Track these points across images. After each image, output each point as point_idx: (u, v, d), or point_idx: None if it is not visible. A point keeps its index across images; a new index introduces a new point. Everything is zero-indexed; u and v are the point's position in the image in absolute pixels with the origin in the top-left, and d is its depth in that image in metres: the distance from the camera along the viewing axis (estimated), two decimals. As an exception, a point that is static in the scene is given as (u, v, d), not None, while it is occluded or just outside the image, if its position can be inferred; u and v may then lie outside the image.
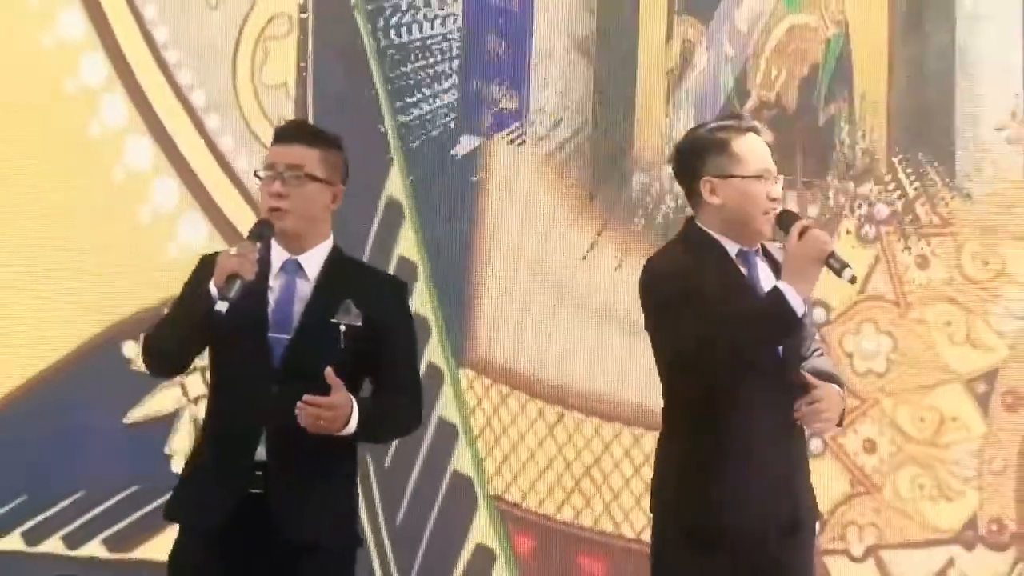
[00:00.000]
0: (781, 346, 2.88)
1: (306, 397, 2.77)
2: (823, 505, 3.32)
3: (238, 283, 2.76)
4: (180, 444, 4.68)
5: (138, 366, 3.61)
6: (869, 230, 4.86)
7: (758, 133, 2.99)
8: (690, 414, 2.88)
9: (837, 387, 2.95)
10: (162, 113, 4.86)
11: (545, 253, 4.90)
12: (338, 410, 2.80)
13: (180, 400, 4.74)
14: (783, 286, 2.79)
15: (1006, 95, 4.82)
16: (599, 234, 4.93)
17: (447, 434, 4.79)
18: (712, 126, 3.01)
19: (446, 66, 4.92)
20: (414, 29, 4.91)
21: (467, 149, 4.91)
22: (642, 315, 2.94)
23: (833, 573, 4.74)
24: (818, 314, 4.55)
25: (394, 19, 4.90)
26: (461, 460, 4.78)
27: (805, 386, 2.90)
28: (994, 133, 4.79)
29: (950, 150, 4.82)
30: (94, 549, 4.71)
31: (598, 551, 4.78)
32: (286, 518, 2.86)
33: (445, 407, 4.80)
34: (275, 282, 2.95)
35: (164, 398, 4.73)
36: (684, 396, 2.90)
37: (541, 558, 4.81)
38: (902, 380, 4.80)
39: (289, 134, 3.01)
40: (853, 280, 2.85)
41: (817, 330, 3.08)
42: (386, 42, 4.90)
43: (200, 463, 2.98)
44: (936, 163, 4.85)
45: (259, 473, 2.87)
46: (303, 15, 4.89)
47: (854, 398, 4.55)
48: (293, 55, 4.90)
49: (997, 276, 4.80)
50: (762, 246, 2.98)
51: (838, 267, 2.80)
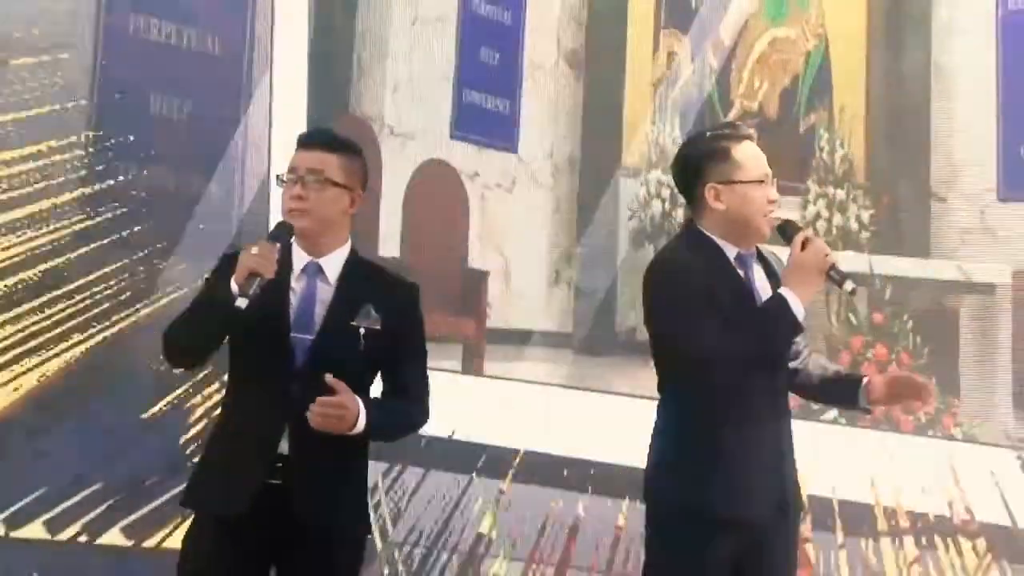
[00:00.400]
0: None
1: (318, 400, 2.85)
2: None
3: (258, 281, 2.85)
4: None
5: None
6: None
7: (754, 140, 3.11)
8: (686, 403, 2.96)
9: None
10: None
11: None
12: (346, 411, 2.90)
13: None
14: (786, 293, 2.86)
15: (979, 105, 4.82)
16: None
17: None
18: (711, 135, 3.05)
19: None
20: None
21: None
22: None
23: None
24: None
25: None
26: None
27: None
28: (967, 142, 4.79)
29: (925, 157, 4.84)
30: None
31: None
32: (307, 507, 2.94)
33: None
34: (297, 284, 3.00)
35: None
36: (681, 387, 2.98)
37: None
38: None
39: (311, 141, 3.10)
40: (853, 292, 2.92)
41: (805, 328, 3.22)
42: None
43: (220, 454, 3.03)
44: (911, 169, 4.90)
45: (279, 465, 3.03)
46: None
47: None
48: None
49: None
50: (757, 250, 3.06)
51: (839, 279, 2.87)
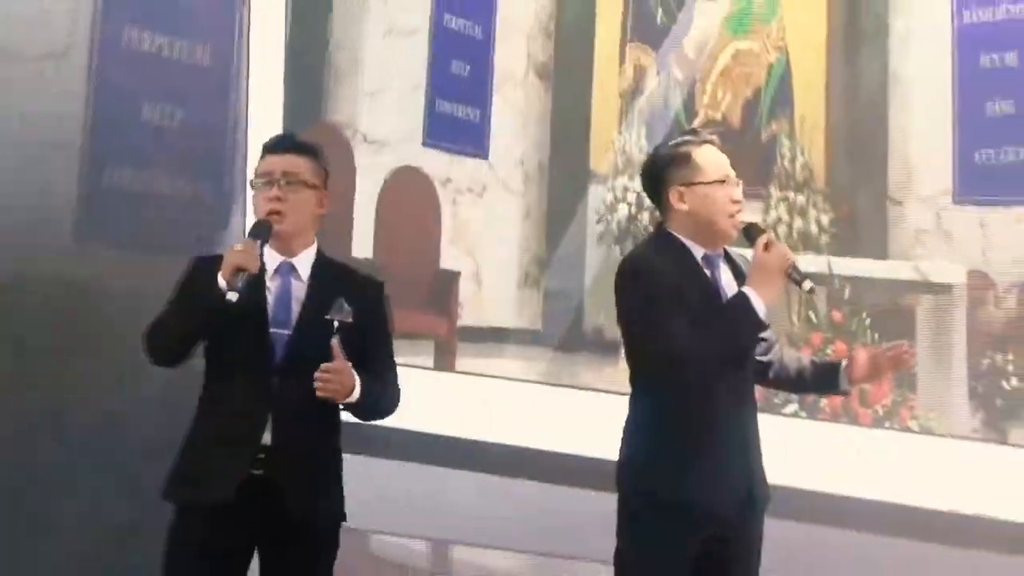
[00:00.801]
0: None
1: (323, 366, 3.04)
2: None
3: (244, 275, 3.04)
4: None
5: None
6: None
7: (715, 145, 3.28)
8: (656, 397, 3.10)
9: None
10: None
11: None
12: (347, 375, 3.08)
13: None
14: (749, 292, 3.03)
15: (935, 114, 4.87)
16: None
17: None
18: (673, 142, 3.28)
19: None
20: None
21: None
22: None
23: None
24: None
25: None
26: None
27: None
28: (923, 148, 4.86)
29: (882, 163, 4.93)
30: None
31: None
32: (290, 495, 3.12)
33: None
34: (271, 283, 3.22)
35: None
36: (651, 382, 3.13)
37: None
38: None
39: (282, 145, 3.33)
40: (812, 291, 3.09)
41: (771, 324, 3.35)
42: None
43: (203, 446, 3.18)
44: (869, 175, 4.96)
45: (261, 456, 3.15)
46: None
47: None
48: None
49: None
50: (726, 251, 3.24)
51: (798, 279, 3.05)
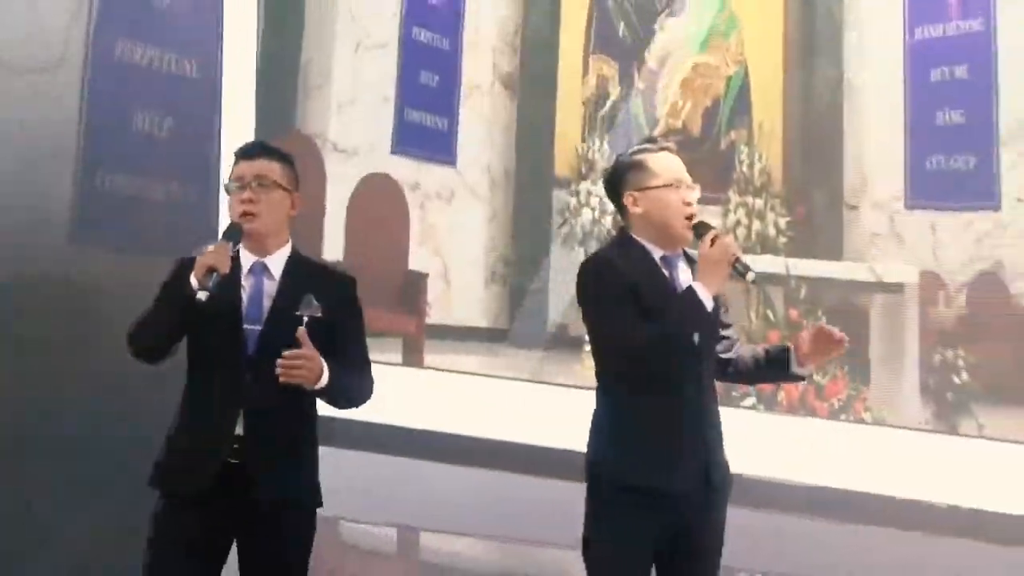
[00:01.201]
0: (696, 335, 3.23)
1: (285, 352, 3.18)
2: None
3: (215, 275, 3.16)
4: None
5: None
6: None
7: (672, 151, 3.39)
8: (622, 386, 3.22)
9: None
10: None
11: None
12: (313, 361, 3.20)
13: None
14: (695, 284, 3.17)
15: (888, 121, 4.97)
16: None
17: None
18: (632, 150, 3.39)
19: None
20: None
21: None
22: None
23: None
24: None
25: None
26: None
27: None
28: (877, 155, 4.95)
29: (837, 169, 5.04)
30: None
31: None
32: (263, 482, 3.24)
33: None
34: (246, 282, 3.33)
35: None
36: (616, 374, 3.25)
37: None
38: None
39: (254, 151, 3.46)
40: (756, 282, 3.23)
41: (732, 324, 3.50)
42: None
43: (183, 438, 3.29)
44: (825, 180, 5.07)
45: (236, 446, 3.28)
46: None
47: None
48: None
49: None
50: (685, 252, 3.34)
51: (742, 270, 3.19)
